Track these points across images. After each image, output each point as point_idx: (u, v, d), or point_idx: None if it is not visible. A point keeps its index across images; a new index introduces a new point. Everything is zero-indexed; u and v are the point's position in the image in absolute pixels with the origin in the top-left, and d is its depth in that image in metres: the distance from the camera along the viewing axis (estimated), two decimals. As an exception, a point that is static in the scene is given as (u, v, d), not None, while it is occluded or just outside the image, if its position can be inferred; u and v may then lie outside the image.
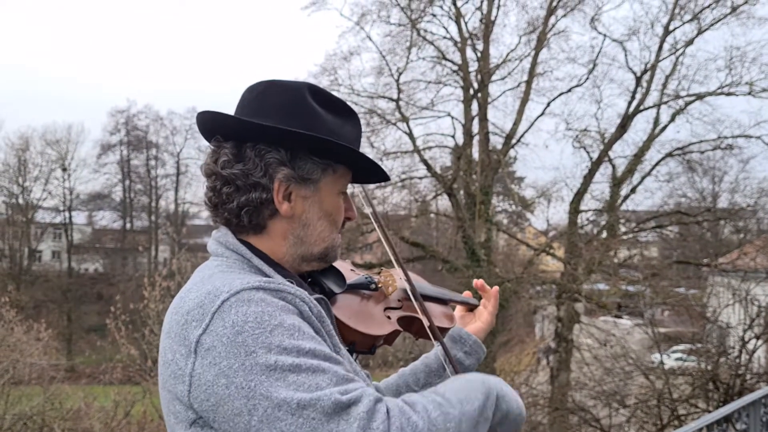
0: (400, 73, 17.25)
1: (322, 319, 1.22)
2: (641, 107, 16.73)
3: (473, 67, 17.47)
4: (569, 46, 17.74)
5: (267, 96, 1.35)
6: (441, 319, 1.67)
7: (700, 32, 16.21)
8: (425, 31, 17.65)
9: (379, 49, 17.50)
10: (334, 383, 1.08)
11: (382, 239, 1.55)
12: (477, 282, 1.83)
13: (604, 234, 17.14)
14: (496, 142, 17.70)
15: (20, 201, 36.30)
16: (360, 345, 1.42)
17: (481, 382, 1.24)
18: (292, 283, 1.27)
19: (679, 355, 13.44)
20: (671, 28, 16.38)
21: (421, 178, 18.44)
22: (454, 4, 17.23)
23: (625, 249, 17.90)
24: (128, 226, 40.78)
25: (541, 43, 16.99)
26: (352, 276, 1.55)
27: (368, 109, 17.78)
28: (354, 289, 1.52)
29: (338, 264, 1.54)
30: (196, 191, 39.04)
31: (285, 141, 1.31)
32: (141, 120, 41.12)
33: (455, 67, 17.66)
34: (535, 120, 17.46)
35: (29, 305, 27.80)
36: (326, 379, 1.08)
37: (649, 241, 20.36)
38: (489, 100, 17.41)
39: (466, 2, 17.30)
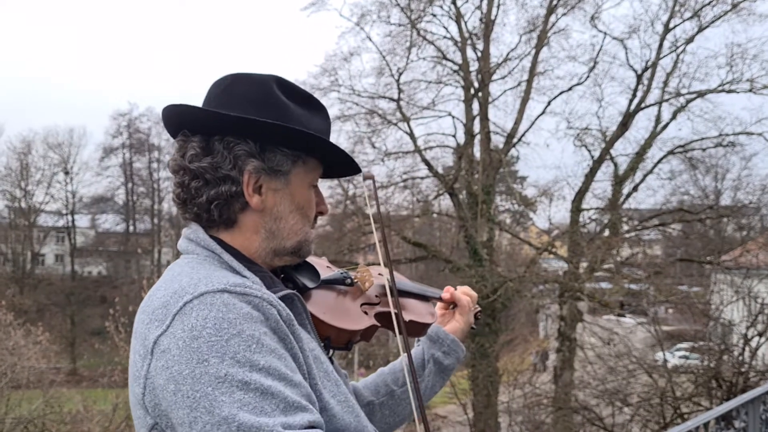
0: (401, 73, 17.25)
1: (290, 322, 1.18)
2: (642, 105, 16.70)
3: (474, 66, 17.46)
4: (570, 44, 17.70)
5: (234, 89, 1.31)
6: (422, 315, 1.65)
7: (700, 30, 16.18)
8: (425, 31, 17.64)
9: (379, 49, 17.51)
10: (280, 410, 1.03)
11: (374, 230, 1.55)
12: (445, 295, 1.77)
13: (607, 232, 17.12)
14: (498, 141, 17.68)
15: (23, 205, 36.37)
16: (335, 340, 1.39)
17: None
18: (266, 276, 1.25)
19: (682, 353, 13.42)
20: (671, 25, 16.36)
21: (422, 178, 18.44)
22: (454, 3, 17.22)
23: (628, 247, 17.86)
24: (131, 228, 40.85)
25: (541, 41, 16.97)
26: (327, 272, 1.54)
27: (369, 109, 17.79)
28: (329, 284, 1.50)
29: (314, 260, 1.53)
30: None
31: (254, 132, 1.27)
32: (143, 123, 41.16)
33: (456, 67, 17.64)
34: (536, 119, 17.46)
35: (32, 309, 27.85)
36: (273, 404, 1.03)
37: (652, 239, 20.33)
38: (490, 99, 17.38)
39: (466, 2, 17.29)
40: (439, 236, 26.60)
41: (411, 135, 17.44)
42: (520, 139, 17.39)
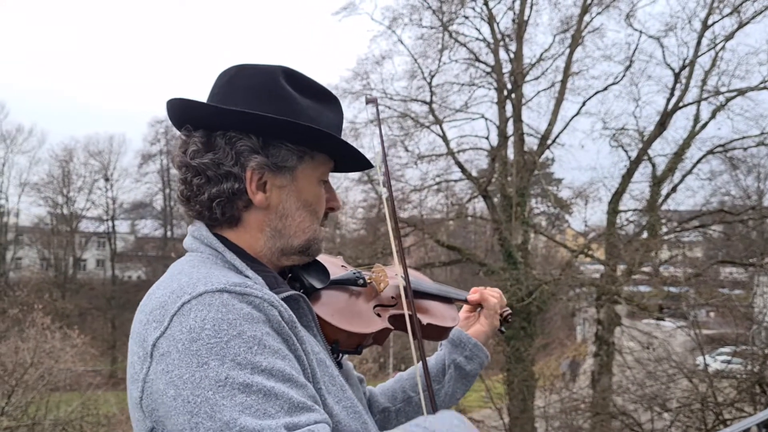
0: (433, 76, 17.23)
1: (293, 324, 1.13)
2: (680, 104, 16.39)
3: (507, 68, 17.36)
4: (604, 43, 17.48)
5: (237, 80, 1.25)
6: (442, 318, 1.57)
7: (740, 26, 15.81)
8: (457, 33, 17.60)
9: (410, 52, 17.52)
10: (285, 411, 0.99)
11: (390, 229, 1.42)
12: (471, 296, 1.70)
13: (645, 234, 16.82)
14: (532, 143, 17.54)
15: (65, 211, 37.20)
16: (344, 344, 1.32)
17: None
18: (269, 276, 1.20)
19: (724, 357, 13.11)
20: (710, 22, 16.02)
21: (456, 180, 18.37)
22: (486, 5, 17.14)
23: (667, 250, 17.53)
24: (169, 233, 41.48)
25: (575, 41, 16.79)
26: (341, 272, 1.47)
27: (401, 112, 17.79)
28: (340, 285, 1.43)
29: (326, 259, 1.46)
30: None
31: (256, 127, 1.21)
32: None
33: (488, 69, 17.56)
34: (571, 120, 17.25)
35: (74, 313, 28.47)
36: (277, 405, 0.99)
37: (692, 241, 19.90)
38: (523, 100, 17.25)
39: (498, 3, 17.20)
40: (475, 239, 26.45)
41: (444, 138, 17.40)
42: (554, 141, 17.21)
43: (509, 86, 17.20)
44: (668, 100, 16.40)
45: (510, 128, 17.25)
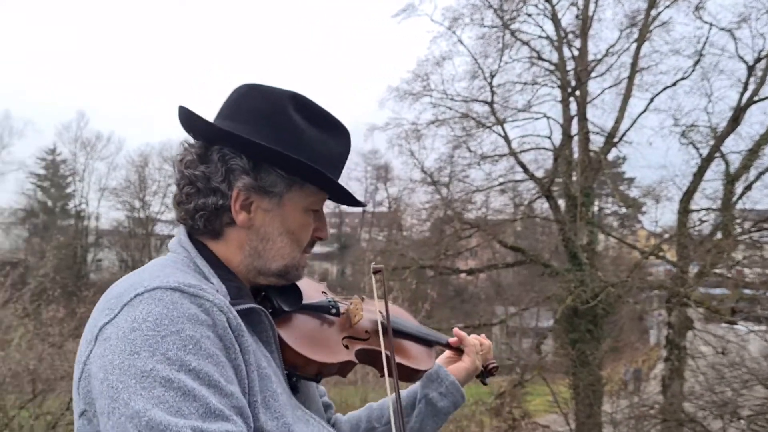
0: (493, 76, 17.04)
1: (239, 333, 1.14)
2: (755, 98, 15.60)
3: (571, 65, 16.99)
4: (672, 37, 16.81)
5: (245, 100, 1.29)
6: (415, 360, 1.53)
7: (821, 14, 14.95)
8: (519, 31, 17.36)
9: (471, 52, 17.37)
10: (198, 414, 0.99)
11: (378, 314, 1.43)
12: (452, 339, 1.69)
13: (719, 235, 16.10)
14: (597, 141, 17.09)
15: (141, 215, 38.75)
16: (302, 369, 1.31)
17: None
18: (233, 287, 1.21)
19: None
20: (788, 11, 15.20)
21: (518, 181, 18.10)
22: (549, 1, 16.83)
23: (743, 250, 16.73)
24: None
25: (642, 36, 16.25)
26: (318, 297, 1.45)
27: (462, 113, 17.68)
28: (312, 310, 1.41)
29: (308, 284, 1.46)
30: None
31: (247, 149, 1.24)
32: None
33: (551, 67, 17.23)
34: (638, 117, 16.68)
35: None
36: (192, 407, 1.00)
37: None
38: (588, 98, 16.85)
39: (561, -1, 16.86)
40: (543, 240, 26.01)
41: (505, 138, 17.18)
42: (621, 139, 16.71)
43: (573, 84, 16.83)
44: (741, 94, 15.63)
45: (574, 127, 16.89)
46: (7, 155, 35.13)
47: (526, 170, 17.35)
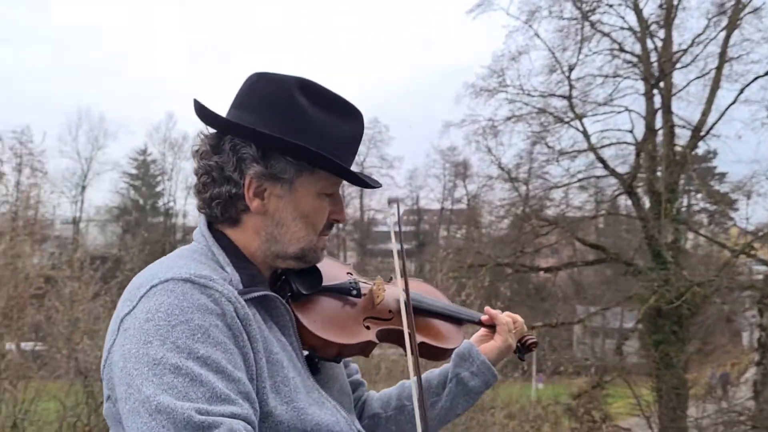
0: (572, 69, 16.63)
1: (247, 322, 1.19)
2: None
3: (654, 56, 16.38)
4: (765, 24, 15.93)
5: (254, 88, 1.33)
6: (440, 338, 1.54)
7: None
8: (600, 23, 16.87)
9: (548, 46, 17.02)
10: (205, 399, 1.06)
11: (393, 244, 1.44)
12: (484, 318, 1.69)
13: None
14: (683, 135, 16.40)
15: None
16: (321, 351, 1.34)
17: None
18: (247, 275, 1.26)
19: None
20: None
21: (598, 177, 17.62)
22: (631, -10, 16.29)
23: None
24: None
25: (732, 24, 15.47)
26: (340, 279, 1.47)
27: (540, 108, 17.36)
28: (333, 292, 1.43)
29: (332, 265, 1.48)
30: (380, 199, 40.52)
31: (255, 138, 1.28)
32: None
33: (634, 59, 16.67)
34: (726, 109, 15.88)
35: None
36: (200, 392, 1.06)
37: None
38: (673, 90, 16.20)
39: (645, -12, 16.26)
40: (627, 238, 25.21)
41: (584, 133, 16.75)
42: (708, 132, 15.98)
43: (657, 76, 16.22)
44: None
45: (658, 120, 16.28)
46: (103, 156, 37.00)
47: (606, 166, 16.86)
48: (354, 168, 1.37)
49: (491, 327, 1.68)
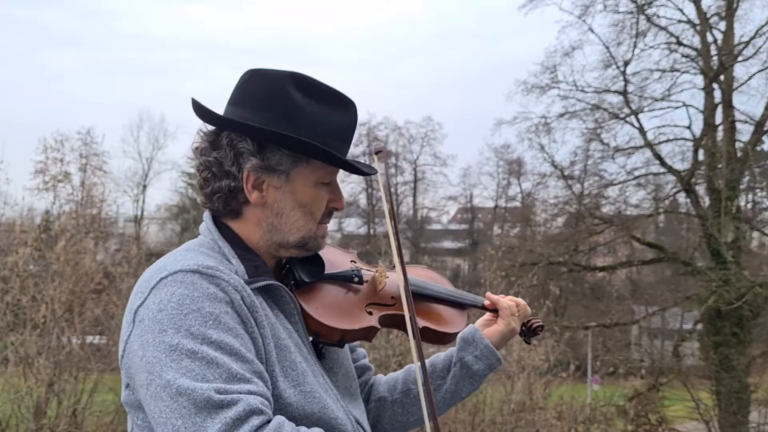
0: (627, 64, 16.26)
1: (253, 309, 1.25)
2: None
3: (714, 50, 15.85)
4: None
5: (248, 85, 1.38)
6: (446, 323, 1.57)
7: None
8: (656, 16, 16.44)
9: (602, 40, 16.69)
10: (222, 379, 1.12)
11: (389, 229, 1.48)
12: (487, 303, 1.71)
13: None
14: (744, 131, 15.84)
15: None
16: (325, 336, 1.39)
17: None
18: (251, 265, 1.32)
19: None
20: None
21: (655, 174, 17.17)
22: (690, -18, 15.81)
23: None
24: (371, 231, 43.52)
25: (798, 14, 14.88)
26: (344, 267, 1.52)
27: (594, 104, 17.03)
28: (335, 280, 1.48)
29: (335, 254, 1.54)
30: (433, 197, 40.42)
31: (250, 132, 1.33)
32: (381, 131, 43.61)
33: (693, 52, 16.17)
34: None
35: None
36: (216, 373, 1.13)
37: None
38: (734, 84, 15.66)
39: (704, -21, 15.76)
40: (687, 237, 24.51)
41: (640, 129, 16.36)
42: (772, 127, 15.40)
43: (717, 69, 15.70)
44: None
45: (718, 116, 15.77)
46: (162, 156, 38.20)
47: (663, 163, 16.43)
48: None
49: (494, 311, 1.71)
